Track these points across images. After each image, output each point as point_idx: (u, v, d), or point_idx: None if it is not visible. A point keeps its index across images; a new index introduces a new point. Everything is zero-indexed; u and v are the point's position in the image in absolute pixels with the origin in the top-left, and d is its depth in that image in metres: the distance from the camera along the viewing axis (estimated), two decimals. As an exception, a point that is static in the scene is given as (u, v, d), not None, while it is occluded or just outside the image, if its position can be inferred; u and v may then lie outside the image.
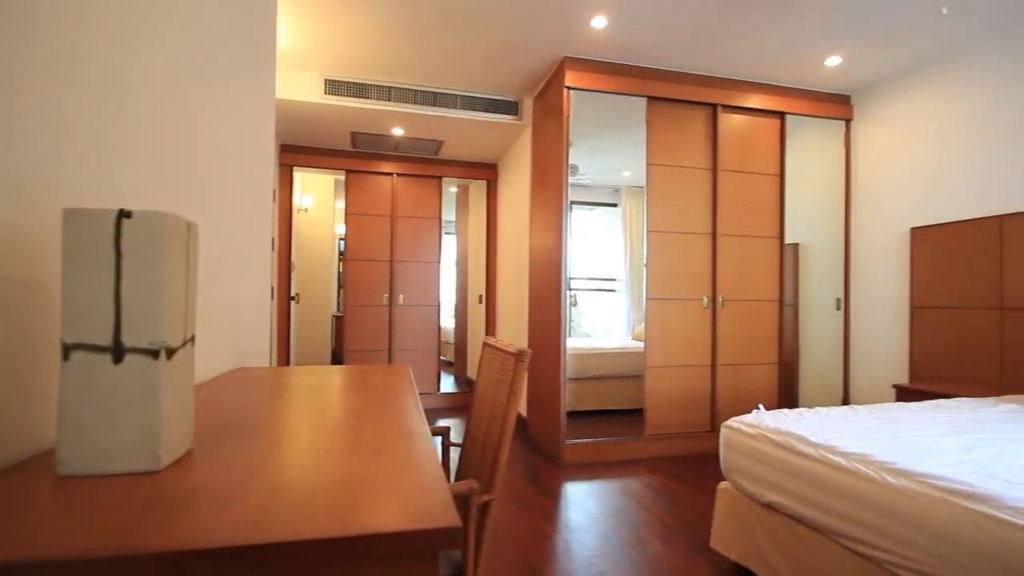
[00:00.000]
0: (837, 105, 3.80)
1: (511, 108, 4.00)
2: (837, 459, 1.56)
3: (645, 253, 3.42)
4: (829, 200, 3.89)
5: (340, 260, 6.60)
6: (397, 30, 3.02)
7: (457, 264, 6.09)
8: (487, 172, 5.17)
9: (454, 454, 1.59)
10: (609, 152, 4.50)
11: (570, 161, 3.89)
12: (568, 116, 3.28)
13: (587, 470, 3.15)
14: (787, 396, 3.86)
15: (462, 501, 1.10)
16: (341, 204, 4.95)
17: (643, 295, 3.42)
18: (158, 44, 1.14)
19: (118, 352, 0.68)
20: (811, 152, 3.95)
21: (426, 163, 4.97)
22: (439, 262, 5.07)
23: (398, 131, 4.20)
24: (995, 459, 1.48)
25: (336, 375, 1.58)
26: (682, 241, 3.48)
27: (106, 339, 0.67)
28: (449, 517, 0.56)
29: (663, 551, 2.13)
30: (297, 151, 4.60)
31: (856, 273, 3.76)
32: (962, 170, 3.09)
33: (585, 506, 2.62)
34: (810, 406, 2.29)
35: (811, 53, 3.24)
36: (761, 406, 2.12)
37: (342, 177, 4.88)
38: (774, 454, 1.77)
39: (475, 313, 5.60)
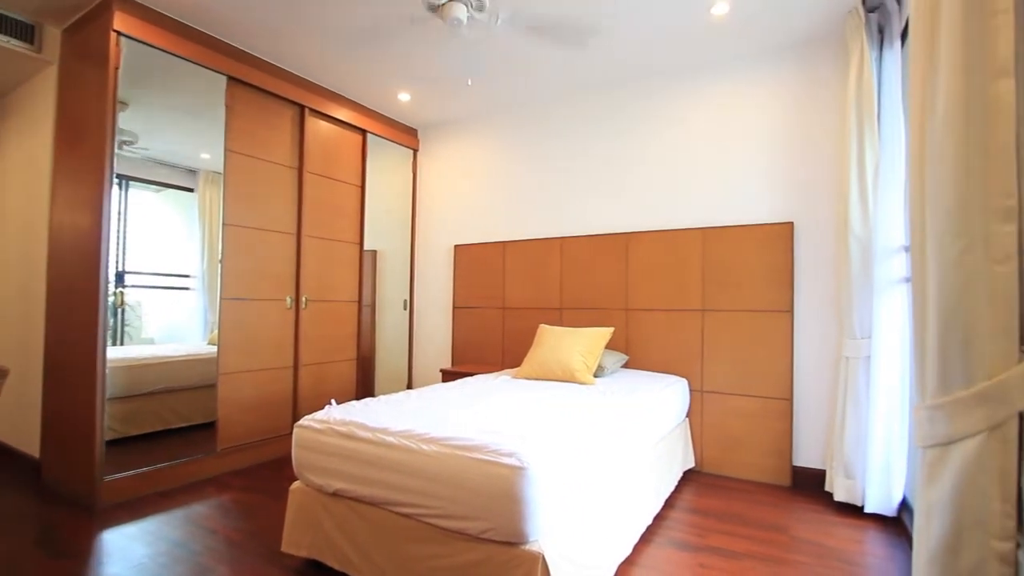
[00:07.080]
0: (408, 135, 4.46)
1: (24, 31, 2.88)
2: (389, 438, 1.82)
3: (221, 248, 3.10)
4: (401, 214, 4.52)
5: None
6: None
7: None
8: (-27, 112, 3.55)
9: None
10: (185, 127, 3.83)
11: (122, 126, 3.14)
12: (117, 68, 2.62)
13: (136, 508, 2.58)
14: (365, 387, 4.25)
15: None
16: None
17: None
18: None
19: None
20: (390, 171, 4.50)
21: None
22: None
23: None
24: (489, 418, 2.05)
25: None
26: (264, 238, 3.33)
27: None
28: None
29: (227, 573, 1.97)
30: None
31: (419, 278, 4.51)
32: (485, 205, 4.16)
33: (129, 554, 2.14)
34: (383, 394, 2.59)
35: (388, 85, 3.68)
36: (333, 401, 2.24)
37: None
38: (340, 444, 1.91)
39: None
